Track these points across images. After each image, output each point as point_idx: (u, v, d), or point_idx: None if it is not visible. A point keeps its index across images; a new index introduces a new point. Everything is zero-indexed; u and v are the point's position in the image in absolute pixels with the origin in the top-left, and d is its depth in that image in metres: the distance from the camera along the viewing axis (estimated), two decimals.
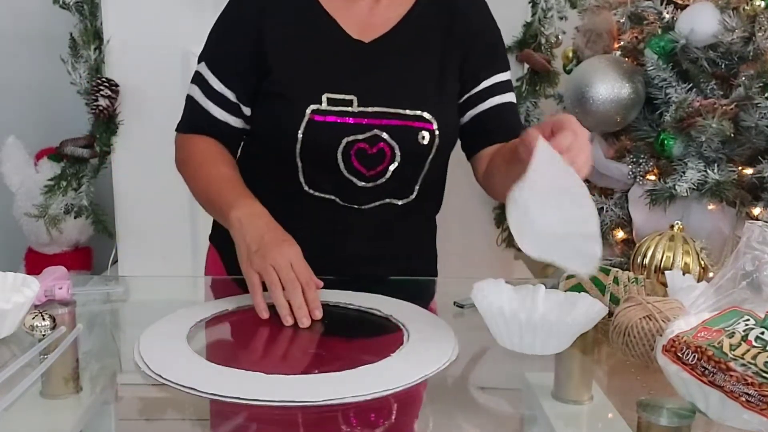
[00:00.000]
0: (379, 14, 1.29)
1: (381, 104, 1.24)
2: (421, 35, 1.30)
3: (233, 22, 1.32)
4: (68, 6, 2.32)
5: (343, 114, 1.23)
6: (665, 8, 1.81)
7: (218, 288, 1.35)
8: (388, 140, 1.24)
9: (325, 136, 1.23)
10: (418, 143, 1.25)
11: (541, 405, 0.88)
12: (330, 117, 1.23)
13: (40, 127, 2.62)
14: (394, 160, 1.25)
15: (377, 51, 1.27)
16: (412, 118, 1.24)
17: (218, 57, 1.31)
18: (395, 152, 1.25)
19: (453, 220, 2.36)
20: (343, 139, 1.23)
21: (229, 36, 1.31)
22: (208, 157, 1.29)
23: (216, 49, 1.32)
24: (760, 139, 1.68)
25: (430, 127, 1.25)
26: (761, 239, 0.91)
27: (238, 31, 1.30)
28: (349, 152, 1.24)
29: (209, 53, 1.32)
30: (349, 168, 1.25)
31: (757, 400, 0.76)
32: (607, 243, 1.93)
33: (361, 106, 1.23)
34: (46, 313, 0.89)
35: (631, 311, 0.97)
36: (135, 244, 2.37)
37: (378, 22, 1.29)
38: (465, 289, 1.09)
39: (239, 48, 1.29)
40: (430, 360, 0.96)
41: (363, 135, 1.23)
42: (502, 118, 1.34)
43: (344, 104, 1.23)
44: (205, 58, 1.32)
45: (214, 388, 0.88)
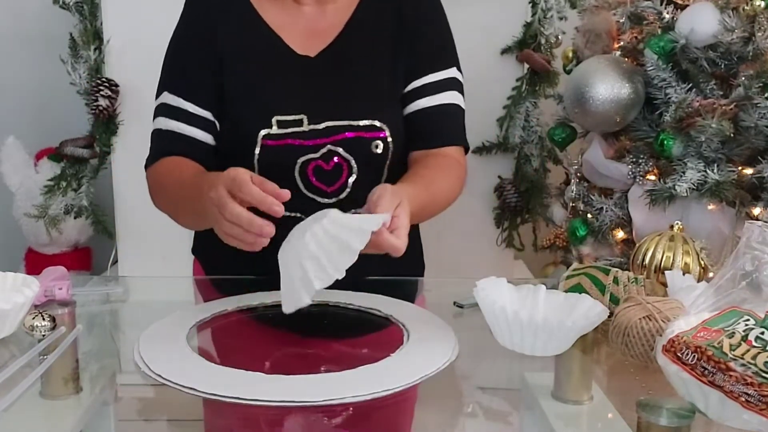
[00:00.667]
0: (325, 20, 1.28)
1: (330, 119, 1.23)
2: (368, 37, 1.28)
3: (188, 43, 1.29)
4: (68, 6, 2.32)
5: (295, 135, 1.23)
6: (665, 8, 1.81)
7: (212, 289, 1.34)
8: (343, 154, 1.24)
9: (279, 159, 1.23)
10: (372, 153, 1.25)
11: (541, 405, 0.88)
12: (282, 141, 1.23)
13: (40, 127, 2.62)
14: (352, 173, 1.25)
15: (324, 65, 1.26)
16: (364, 129, 1.24)
17: (182, 80, 1.28)
18: (351, 165, 1.25)
19: (453, 220, 2.36)
20: (298, 160, 1.23)
21: (188, 57, 1.29)
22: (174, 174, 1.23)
23: (177, 75, 1.29)
24: (759, 139, 1.68)
25: (383, 134, 1.24)
26: (761, 239, 0.91)
27: (196, 50, 1.28)
28: (305, 171, 1.24)
29: (170, 82, 1.29)
30: (309, 187, 1.25)
31: (756, 400, 0.76)
32: (607, 243, 1.93)
33: (312, 124, 1.23)
34: (46, 313, 0.89)
35: (631, 311, 0.97)
36: (135, 244, 2.37)
37: (323, 30, 1.27)
38: (465, 289, 1.09)
39: (201, 65, 1.27)
40: (430, 360, 0.96)
41: (317, 153, 1.24)
42: (431, 122, 1.29)
43: (295, 125, 1.23)
44: (167, 88, 1.28)
45: (213, 389, 0.88)
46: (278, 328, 1.11)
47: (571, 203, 2.07)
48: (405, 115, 1.29)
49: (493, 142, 2.33)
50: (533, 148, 2.32)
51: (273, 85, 1.25)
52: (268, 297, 1.13)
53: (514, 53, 2.31)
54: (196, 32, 1.28)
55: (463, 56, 2.30)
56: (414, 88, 1.29)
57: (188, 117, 1.26)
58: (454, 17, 2.24)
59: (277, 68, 1.26)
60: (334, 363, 0.99)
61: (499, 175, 2.36)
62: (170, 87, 1.28)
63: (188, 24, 1.30)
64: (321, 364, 1.00)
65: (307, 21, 1.27)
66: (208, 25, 1.27)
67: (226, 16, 1.27)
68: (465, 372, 1.01)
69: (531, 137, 2.31)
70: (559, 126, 2.10)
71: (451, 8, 2.31)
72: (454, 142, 1.31)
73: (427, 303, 1.29)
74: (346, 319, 1.13)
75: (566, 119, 2.08)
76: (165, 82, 1.30)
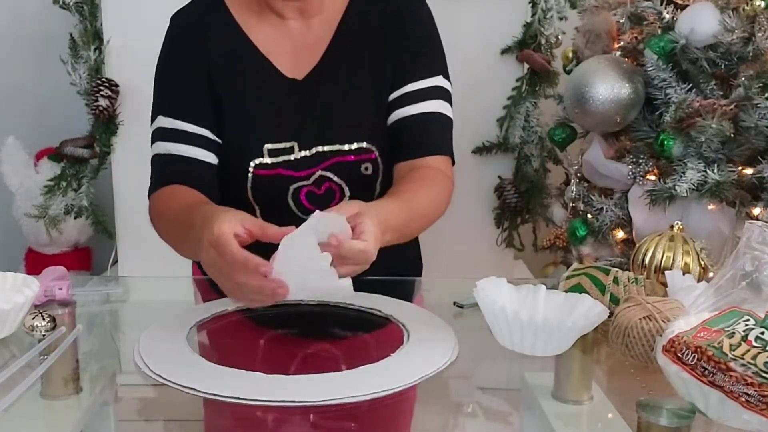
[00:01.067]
0: (311, 35, 1.25)
1: (320, 144, 1.23)
2: (353, 52, 1.25)
3: (178, 63, 1.26)
4: (68, 6, 2.32)
5: (286, 164, 1.22)
6: (665, 8, 1.81)
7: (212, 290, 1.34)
8: (334, 178, 1.24)
9: (272, 187, 1.23)
10: (362, 175, 1.24)
11: (541, 405, 0.88)
12: (273, 170, 1.22)
13: (40, 127, 2.62)
14: (344, 195, 1.25)
15: (311, 88, 1.24)
16: (353, 152, 1.23)
17: (176, 101, 1.24)
18: (343, 188, 1.25)
19: (453, 220, 2.36)
20: (290, 187, 1.23)
21: (179, 77, 1.25)
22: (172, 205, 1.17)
23: (170, 96, 1.25)
24: (759, 139, 1.68)
25: (372, 156, 1.24)
26: (761, 239, 0.91)
27: (186, 70, 1.24)
28: (298, 197, 1.24)
29: (164, 105, 1.25)
30: (302, 210, 1.25)
31: (756, 401, 0.76)
32: (607, 243, 1.93)
33: (302, 150, 1.22)
34: (46, 314, 0.89)
35: (631, 311, 0.97)
36: (135, 244, 2.37)
37: (309, 47, 1.25)
38: (465, 289, 1.09)
39: (194, 84, 1.23)
40: (430, 360, 0.96)
41: (308, 180, 1.24)
42: (414, 130, 1.25)
43: (285, 153, 1.22)
44: (162, 111, 1.24)
45: (214, 389, 0.88)
46: (278, 328, 1.11)
47: (571, 203, 2.07)
48: (388, 124, 1.25)
49: (493, 142, 2.33)
50: (533, 148, 2.32)
51: (263, 113, 1.23)
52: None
53: (514, 53, 2.31)
54: (185, 51, 1.25)
55: (463, 56, 2.32)
56: (396, 97, 1.25)
57: (187, 137, 1.22)
58: (454, 17, 2.25)
59: (267, 94, 1.24)
60: (334, 363, 0.99)
61: (499, 175, 2.36)
62: (164, 110, 1.24)
63: (175, 45, 1.27)
64: (321, 364, 1.00)
65: (293, 37, 1.24)
66: (196, 44, 1.24)
67: (213, 36, 1.24)
68: (465, 372, 1.01)
69: (531, 137, 2.31)
70: (559, 126, 2.10)
71: (451, 8, 2.32)
72: (438, 152, 1.26)
73: (427, 303, 1.29)
74: (346, 319, 1.13)
75: (566, 119, 2.08)
76: (158, 106, 1.25)
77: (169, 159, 1.22)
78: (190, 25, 1.26)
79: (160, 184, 1.23)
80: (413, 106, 1.24)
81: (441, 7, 1.80)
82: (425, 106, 1.24)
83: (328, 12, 1.25)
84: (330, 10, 1.25)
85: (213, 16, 1.25)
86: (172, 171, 1.22)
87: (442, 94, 1.27)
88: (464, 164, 2.39)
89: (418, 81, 1.24)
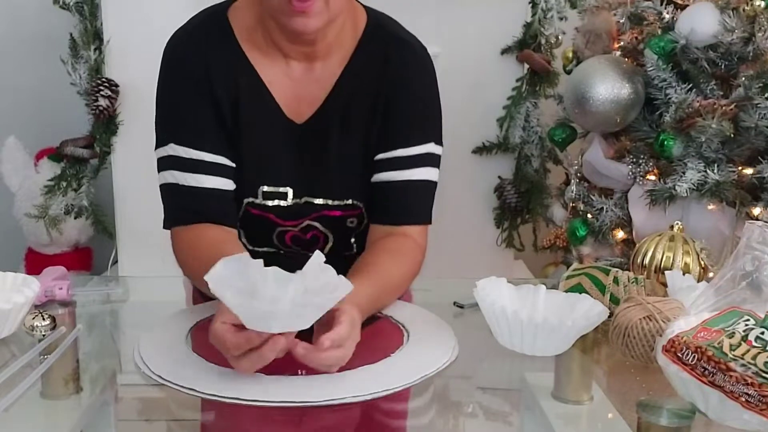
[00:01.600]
0: (313, 80, 1.21)
1: (311, 195, 1.22)
2: (351, 106, 1.21)
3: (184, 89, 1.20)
4: (68, 6, 2.32)
5: (277, 210, 1.22)
6: (665, 8, 1.81)
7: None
8: (320, 228, 1.25)
9: (259, 227, 1.24)
10: (347, 227, 1.25)
11: (541, 405, 0.88)
12: (263, 212, 1.22)
13: (40, 127, 2.62)
14: (328, 242, 1.26)
15: (309, 134, 1.22)
16: (341, 208, 1.23)
17: (186, 129, 1.19)
18: (328, 236, 1.26)
19: (453, 220, 2.36)
20: (276, 229, 1.24)
21: (187, 104, 1.20)
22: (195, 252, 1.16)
23: (179, 125, 1.20)
24: (760, 139, 1.68)
25: (359, 212, 1.24)
26: (761, 239, 0.91)
27: (193, 94, 1.19)
28: (283, 238, 1.25)
29: (173, 133, 1.19)
30: (285, 247, 1.27)
31: (757, 401, 0.76)
32: (607, 243, 1.93)
33: (295, 198, 1.22)
34: (46, 314, 0.89)
35: (631, 311, 0.97)
36: (135, 244, 2.37)
37: (310, 93, 1.21)
38: (465, 289, 1.09)
39: (203, 110, 1.19)
40: (430, 360, 0.96)
41: (296, 228, 1.24)
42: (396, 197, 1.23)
43: (279, 197, 1.22)
44: (173, 139, 1.19)
45: (214, 389, 0.88)
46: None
47: (571, 203, 2.07)
48: (373, 182, 1.23)
49: (493, 142, 2.33)
50: (533, 149, 2.32)
51: (265, 152, 1.21)
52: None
53: (514, 53, 2.31)
54: (188, 73, 1.20)
55: (463, 56, 2.32)
56: (385, 159, 1.22)
57: (206, 167, 1.18)
58: (454, 17, 2.25)
59: (270, 133, 1.21)
60: None
61: (499, 175, 2.36)
62: (175, 138, 1.19)
63: (177, 66, 1.21)
64: None
65: (295, 80, 1.21)
66: (200, 66, 1.19)
67: (217, 60, 1.19)
68: (465, 372, 1.01)
69: (531, 137, 2.31)
70: (559, 126, 2.10)
71: (451, 8, 2.32)
72: (416, 221, 1.24)
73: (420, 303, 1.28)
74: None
75: (566, 119, 2.08)
76: (168, 133, 1.20)
77: (190, 191, 1.19)
78: (192, 44, 1.21)
79: (185, 220, 1.19)
80: (401, 171, 1.22)
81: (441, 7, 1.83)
82: (413, 174, 1.22)
83: (332, 58, 1.22)
84: (334, 57, 1.22)
85: (217, 39, 1.20)
86: (196, 206, 1.19)
87: (431, 161, 1.24)
88: (464, 164, 2.40)
89: (409, 147, 1.22)
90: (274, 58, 1.20)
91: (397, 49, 1.23)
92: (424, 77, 1.25)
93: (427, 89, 1.25)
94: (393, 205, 1.22)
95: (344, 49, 1.21)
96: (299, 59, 1.20)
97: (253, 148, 1.21)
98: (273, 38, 1.18)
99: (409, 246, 1.21)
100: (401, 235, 1.21)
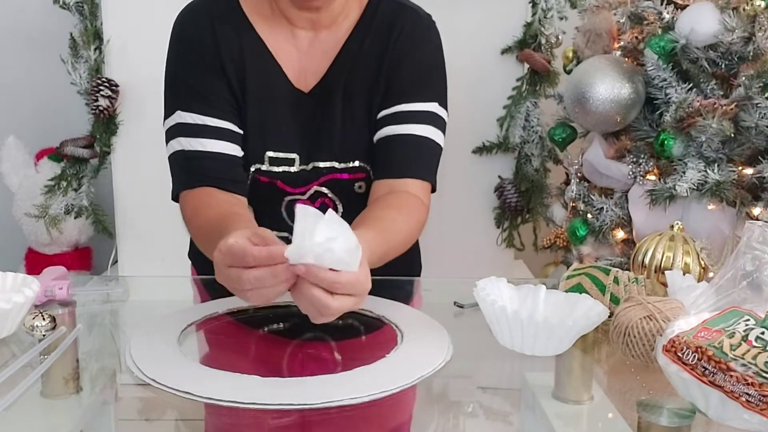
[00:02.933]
0: (318, 49, 1.23)
1: (318, 160, 1.23)
2: (356, 72, 1.23)
3: (192, 58, 1.22)
4: (68, 6, 2.32)
5: (284, 176, 1.22)
6: (665, 8, 1.81)
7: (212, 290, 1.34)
8: (329, 194, 1.25)
9: (267, 196, 1.24)
10: (355, 192, 1.25)
11: (541, 405, 0.88)
12: (271, 179, 1.22)
13: (40, 127, 2.62)
14: (338, 210, 1.26)
15: (315, 103, 1.23)
16: (348, 170, 1.23)
17: (194, 96, 1.20)
18: (336, 204, 1.26)
19: (453, 220, 2.36)
20: (285, 198, 1.24)
21: (195, 71, 1.21)
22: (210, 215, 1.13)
23: (187, 92, 1.21)
24: (760, 139, 1.68)
25: (366, 175, 1.25)
26: (761, 239, 0.91)
27: (202, 63, 1.21)
28: (292, 208, 1.22)
29: (181, 101, 1.20)
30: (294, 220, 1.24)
31: (757, 400, 0.76)
32: (607, 243, 1.93)
33: (302, 164, 1.23)
34: (46, 313, 0.89)
35: (632, 311, 0.97)
36: (135, 244, 2.37)
37: (315, 60, 1.23)
38: (465, 289, 1.09)
39: (211, 77, 1.20)
40: (427, 360, 0.96)
41: (304, 195, 1.24)
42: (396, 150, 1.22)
43: (286, 163, 1.23)
44: (180, 107, 1.20)
45: (210, 392, 0.87)
46: (271, 330, 1.11)
47: (572, 203, 2.07)
48: (375, 140, 1.23)
49: (493, 142, 2.33)
50: (533, 148, 2.32)
51: (270, 119, 1.23)
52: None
53: (514, 53, 2.31)
54: (197, 43, 1.22)
55: (463, 56, 2.31)
56: (387, 114, 1.22)
57: (212, 132, 1.19)
58: (454, 17, 2.25)
59: (276, 100, 1.22)
60: (331, 365, 0.99)
61: (499, 175, 2.36)
62: (182, 105, 1.20)
63: (186, 38, 1.23)
64: (315, 365, 1.00)
65: (301, 48, 1.23)
66: (208, 36, 1.21)
67: (225, 30, 1.22)
68: (465, 372, 1.01)
69: (531, 137, 2.31)
70: (559, 126, 2.10)
71: (451, 8, 2.32)
72: (419, 175, 1.22)
73: (427, 303, 1.29)
74: (339, 320, 1.12)
75: (566, 119, 2.08)
76: (175, 101, 1.21)
77: (196, 155, 1.19)
78: (200, 18, 1.23)
79: (192, 183, 1.19)
80: (403, 125, 1.21)
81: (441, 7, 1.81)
82: (416, 129, 1.21)
83: (338, 28, 1.24)
84: (340, 26, 1.24)
85: (224, 11, 1.23)
86: (202, 169, 1.18)
87: (435, 121, 1.23)
88: (464, 164, 2.40)
89: (412, 103, 1.21)
90: (281, 28, 1.22)
91: (401, 16, 1.24)
92: (428, 42, 1.26)
93: (431, 53, 1.26)
94: (395, 159, 1.21)
95: (349, 20, 1.24)
96: (305, 27, 1.22)
97: (259, 117, 1.22)
98: (279, 6, 1.21)
99: (413, 203, 1.19)
100: (404, 192, 1.20)
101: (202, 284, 1.36)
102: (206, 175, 1.18)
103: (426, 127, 1.22)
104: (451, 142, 1.34)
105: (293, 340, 1.08)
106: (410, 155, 1.22)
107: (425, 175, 1.23)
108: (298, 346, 1.07)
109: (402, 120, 1.21)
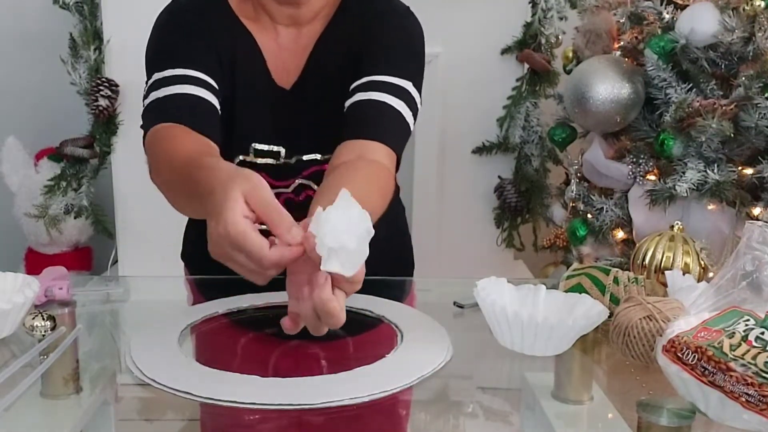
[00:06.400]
0: (298, 43, 1.22)
1: (301, 153, 1.22)
2: (330, 64, 1.21)
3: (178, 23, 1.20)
4: (68, 6, 2.32)
5: (268, 167, 1.21)
6: (665, 8, 1.81)
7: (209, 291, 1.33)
8: (313, 187, 1.23)
9: None
10: None
11: (541, 405, 0.88)
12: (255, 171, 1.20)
13: (40, 127, 2.62)
14: None
15: (297, 98, 1.23)
16: (327, 161, 1.17)
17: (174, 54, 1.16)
18: None
19: (453, 220, 2.36)
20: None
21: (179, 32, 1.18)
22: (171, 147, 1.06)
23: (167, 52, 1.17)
24: (760, 139, 1.68)
25: None
26: (761, 239, 0.91)
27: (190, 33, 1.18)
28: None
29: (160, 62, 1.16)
30: None
31: (757, 400, 0.76)
32: (607, 243, 1.93)
33: (287, 158, 1.22)
34: (46, 313, 0.89)
35: (631, 311, 0.97)
36: (135, 244, 2.37)
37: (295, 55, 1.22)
38: (465, 289, 1.09)
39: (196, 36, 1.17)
40: (426, 360, 0.96)
41: (288, 189, 1.24)
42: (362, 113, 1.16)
43: (271, 156, 1.22)
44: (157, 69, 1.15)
45: (209, 393, 0.87)
46: (270, 330, 1.10)
47: (571, 203, 2.07)
48: (344, 111, 1.18)
49: (493, 142, 2.33)
50: (533, 148, 2.32)
51: (255, 111, 1.22)
52: (259, 299, 1.13)
53: (514, 53, 2.31)
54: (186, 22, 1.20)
55: (463, 56, 2.32)
56: (354, 86, 1.17)
57: (186, 79, 1.13)
58: (454, 17, 2.25)
59: (260, 95, 1.22)
60: (330, 365, 0.99)
61: (499, 175, 2.36)
62: (161, 66, 1.15)
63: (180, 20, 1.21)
64: (316, 366, 1.00)
65: (283, 46, 1.23)
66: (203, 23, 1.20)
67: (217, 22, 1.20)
68: (465, 372, 1.01)
69: (531, 137, 2.31)
70: (559, 126, 2.10)
71: (451, 8, 2.31)
72: (384, 140, 1.14)
73: (426, 303, 1.29)
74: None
75: (566, 119, 2.08)
76: (154, 66, 1.16)
77: (165, 99, 1.12)
78: (191, 8, 1.22)
79: (160, 119, 1.11)
80: (372, 92, 1.15)
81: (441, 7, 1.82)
82: (385, 97, 1.15)
83: (317, 24, 1.23)
84: (318, 23, 1.23)
85: (213, 6, 1.22)
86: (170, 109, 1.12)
87: (406, 97, 1.18)
88: (464, 164, 2.41)
89: (383, 75, 1.17)
90: (264, 24, 1.22)
91: (376, 5, 1.23)
92: (402, 26, 1.22)
93: (407, 36, 1.22)
94: (361, 122, 1.15)
95: (328, 16, 1.23)
96: (286, 23, 1.22)
97: (244, 110, 1.21)
98: (261, 3, 1.21)
99: (383, 172, 1.12)
100: (371, 161, 1.11)
101: (196, 285, 1.36)
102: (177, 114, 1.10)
103: (394, 99, 1.16)
104: (451, 142, 1.34)
105: (293, 341, 1.08)
106: (382, 121, 1.16)
107: (391, 141, 1.16)
108: (298, 346, 1.07)
109: (374, 88, 1.16)
